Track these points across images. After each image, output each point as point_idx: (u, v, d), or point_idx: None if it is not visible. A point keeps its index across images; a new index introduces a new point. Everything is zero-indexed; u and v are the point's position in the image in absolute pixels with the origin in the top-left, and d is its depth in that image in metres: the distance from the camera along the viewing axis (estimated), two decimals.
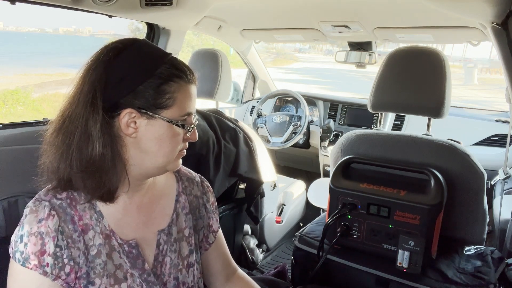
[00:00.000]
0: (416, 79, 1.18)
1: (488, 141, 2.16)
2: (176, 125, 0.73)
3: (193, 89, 0.75)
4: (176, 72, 0.72)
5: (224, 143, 1.60)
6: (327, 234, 1.12)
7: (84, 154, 0.68)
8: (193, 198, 0.89)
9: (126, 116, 0.69)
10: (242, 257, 1.96)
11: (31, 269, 0.67)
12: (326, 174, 2.48)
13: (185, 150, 0.79)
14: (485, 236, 1.17)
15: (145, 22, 2.06)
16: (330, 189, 1.15)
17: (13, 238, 0.70)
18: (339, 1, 1.75)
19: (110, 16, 1.76)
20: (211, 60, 1.79)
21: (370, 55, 2.22)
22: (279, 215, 2.21)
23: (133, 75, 0.69)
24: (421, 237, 1.00)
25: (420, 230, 1.02)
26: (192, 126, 0.76)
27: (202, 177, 0.95)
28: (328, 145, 2.46)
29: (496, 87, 13.92)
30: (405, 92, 1.20)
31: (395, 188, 1.06)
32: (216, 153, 1.56)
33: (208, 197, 0.93)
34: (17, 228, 0.70)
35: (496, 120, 2.22)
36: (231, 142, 1.67)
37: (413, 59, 1.20)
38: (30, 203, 0.71)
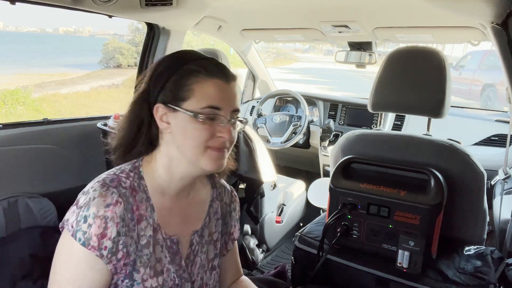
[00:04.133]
0: (416, 79, 1.18)
1: (488, 141, 2.16)
2: (196, 117, 0.75)
3: (217, 84, 0.77)
4: (197, 68, 0.77)
5: None
6: (327, 234, 1.12)
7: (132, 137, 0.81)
8: (223, 204, 0.95)
9: (158, 111, 0.77)
10: (242, 257, 1.96)
11: (89, 250, 0.71)
12: (326, 174, 2.48)
13: (225, 150, 0.80)
14: (485, 236, 1.17)
15: (145, 22, 2.05)
16: (330, 189, 1.14)
17: (71, 217, 0.73)
18: (339, 1, 1.75)
19: (110, 16, 1.76)
20: None
21: (370, 55, 2.22)
22: (279, 215, 2.21)
23: (163, 72, 0.78)
24: (421, 237, 1.00)
25: (420, 230, 1.02)
26: (222, 122, 0.77)
27: (232, 187, 1.00)
28: (328, 145, 2.45)
29: None
30: (405, 92, 1.20)
31: (395, 188, 1.06)
32: None
33: (234, 205, 0.98)
34: (75, 208, 0.73)
35: (496, 120, 2.22)
36: None
37: (413, 59, 1.20)
38: (97, 187, 0.74)
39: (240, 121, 0.81)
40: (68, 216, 0.73)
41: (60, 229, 0.76)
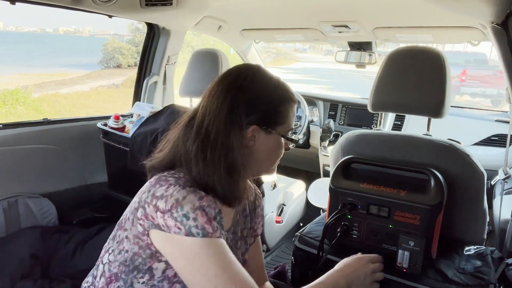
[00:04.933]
0: (416, 79, 1.18)
1: (488, 141, 2.16)
2: (287, 139, 0.87)
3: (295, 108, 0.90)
4: (289, 94, 0.87)
5: None
6: (327, 234, 1.12)
7: (227, 163, 0.79)
8: (249, 202, 1.00)
9: (251, 131, 0.82)
10: None
11: (211, 237, 0.73)
12: (326, 174, 2.48)
13: None
14: (485, 236, 1.17)
15: (145, 22, 2.05)
16: (330, 189, 1.14)
17: (167, 222, 0.73)
18: (339, 1, 1.75)
19: (110, 16, 1.76)
20: (211, 60, 1.79)
21: (370, 55, 2.22)
22: (279, 215, 2.21)
23: (261, 97, 0.83)
24: (421, 237, 1.00)
25: (420, 230, 1.02)
26: (295, 139, 0.89)
27: (255, 184, 1.05)
28: (328, 145, 2.45)
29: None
30: (405, 92, 1.20)
31: (395, 188, 1.06)
32: None
33: (259, 202, 1.03)
34: (161, 214, 0.73)
35: (496, 120, 2.22)
36: None
37: (413, 59, 1.20)
38: (179, 188, 0.75)
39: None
40: (162, 222, 0.74)
41: (146, 231, 0.76)
